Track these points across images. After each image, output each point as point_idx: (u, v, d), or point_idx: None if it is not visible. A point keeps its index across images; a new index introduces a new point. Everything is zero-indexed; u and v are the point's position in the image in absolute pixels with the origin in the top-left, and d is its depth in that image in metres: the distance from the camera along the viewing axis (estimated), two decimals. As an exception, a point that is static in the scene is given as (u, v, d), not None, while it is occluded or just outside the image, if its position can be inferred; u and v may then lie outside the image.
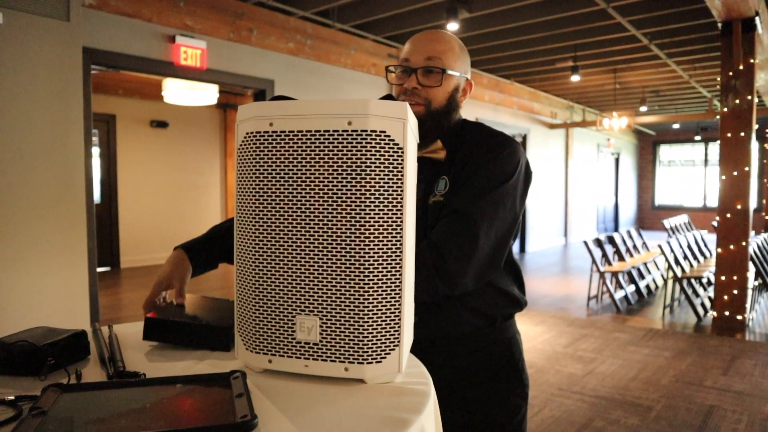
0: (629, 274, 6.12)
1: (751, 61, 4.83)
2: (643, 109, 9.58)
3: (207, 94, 6.38)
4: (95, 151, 7.65)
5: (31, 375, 0.83)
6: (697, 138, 14.28)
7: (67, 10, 3.02)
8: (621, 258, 6.50)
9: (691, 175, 15.27)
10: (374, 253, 0.76)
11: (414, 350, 1.05)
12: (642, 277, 6.54)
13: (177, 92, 6.19)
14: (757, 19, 4.70)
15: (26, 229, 2.90)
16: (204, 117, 8.90)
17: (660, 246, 5.57)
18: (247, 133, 0.80)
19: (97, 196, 7.61)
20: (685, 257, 6.22)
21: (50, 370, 0.84)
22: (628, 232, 6.99)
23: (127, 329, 1.10)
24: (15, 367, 0.84)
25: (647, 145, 15.77)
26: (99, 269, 6.92)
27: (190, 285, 1.17)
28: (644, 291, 6.42)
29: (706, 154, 14.94)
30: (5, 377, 0.84)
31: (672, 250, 5.63)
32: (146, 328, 0.99)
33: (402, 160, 0.76)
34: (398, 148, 0.76)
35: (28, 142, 2.90)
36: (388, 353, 0.78)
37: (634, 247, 6.96)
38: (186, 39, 4.64)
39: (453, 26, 4.90)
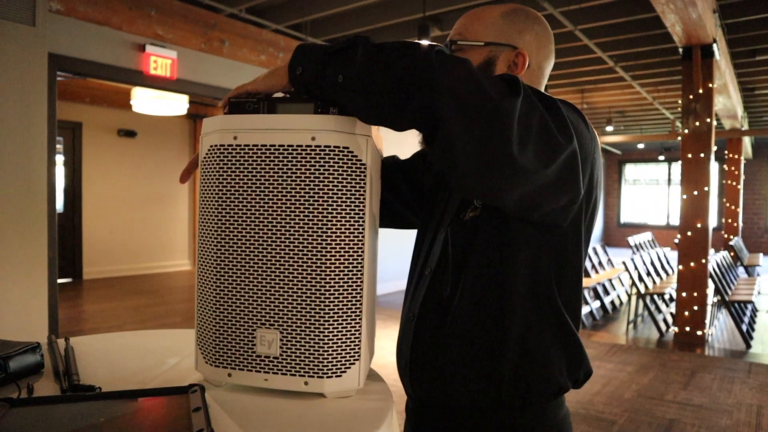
0: (594, 290, 6.23)
1: (710, 85, 5.02)
2: (609, 128, 9.84)
3: (177, 104, 6.31)
4: (60, 159, 7.47)
5: (-19, 389, 0.81)
6: (661, 158, 14.69)
7: (32, 15, 2.96)
8: (586, 274, 6.62)
9: (655, 193, 15.68)
10: (335, 267, 0.77)
11: (421, 418, 0.98)
12: (607, 293, 6.67)
13: (146, 101, 6.10)
14: (714, 45, 4.89)
15: (-17, 238, 2.81)
16: (173, 127, 8.80)
17: (624, 263, 5.70)
18: (212, 146, 0.80)
19: (60, 205, 7.42)
20: (649, 274, 6.37)
21: (0, 384, 0.82)
22: (594, 249, 7.13)
23: (85, 342, 1.08)
24: (-37, 381, 0.82)
25: (613, 163, 16.16)
26: (60, 280, 6.73)
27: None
28: (609, 307, 6.55)
29: (669, 174, 15.37)
30: (-47, 392, 0.81)
31: (636, 267, 5.76)
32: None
33: (364, 176, 0.77)
34: (361, 164, 0.77)
35: (-12, 148, 2.82)
36: (348, 367, 0.79)
37: (600, 263, 7.10)
38: (156, 48, 4.59)
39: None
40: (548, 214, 0.84)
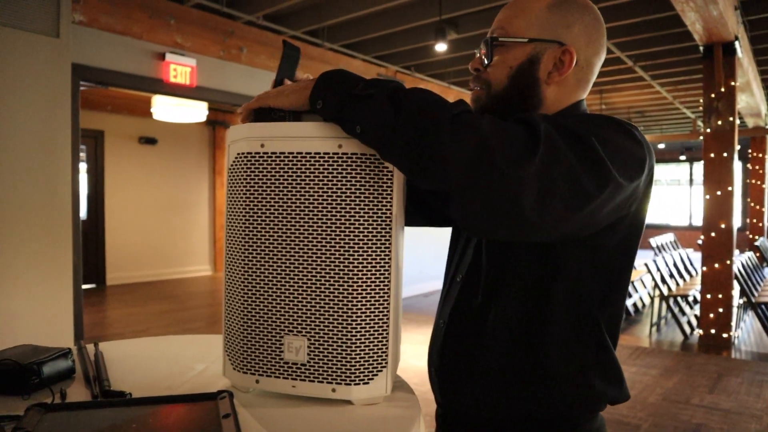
0: (616, 292, 6.14)
1: (732, 83, 4.93)
2: (629, 129, 9.71)
3: (196, 111, 6.38)
4: (83, 166, 7.60)
5: (15, 394, 0.82)
6: (682, 158, 14.48)
7: (56, 27, 3.02)
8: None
9: (676, 194, 15.45)
10: (362, 274, 0.77)
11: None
12: (629, 295, 6.58)
13: (166, 109, 6.19)
14: (736, 43, 4.81)
15: (11, 244, 2.87)
16: (193, 134, 8.89)
17: (647, 264, 5.62)
18: (239, 154, 0.81)
19: (83, 212, 7.55)
20: (672, 276, 6.28)
21: (34, 389, 0.84)
22: (615, 251, 7.02)
23: (113, 347, 1.10)
24: (-1, 386, 0.83)
25: (633, 164, 15.92)
26: (84, 286, 6.84)
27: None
28: (631, 309, 6.46)
29: (691, 174, 15.14)
30: (-11, 397, 0.83)
31: (659, 269, 5.68)
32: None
33: (391, 182, 0.78)
34: (387, 171, 0.77)
35: (16, 157, 2.89)
36: (376, 374, 0.79)
37: (621, 265, 7.00)
38: (176, 56, 4.65)
39: (441, 47, 4.97)
40: (590, 238, 0.81)
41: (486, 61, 0.91)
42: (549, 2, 0.90)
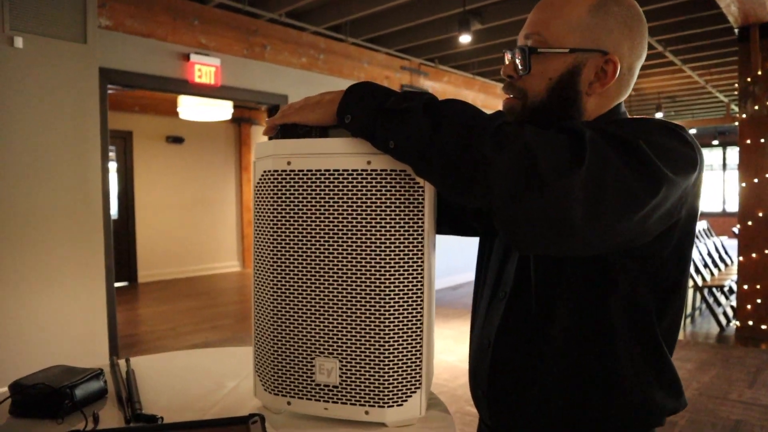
0: (649, 283, 6.01)
1: (770, 66, 4.75)
2: (659, 115, 9.47)
3: (221, 110, 6.43)
4: (112, 166, 7.74)
5: (49, 417, 0.82)
6: (715, 143, 14.10)
7: (84, 33, 3.06)
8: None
9: (709, 179, 15.06)
10: (394, 294, 0.74)
11: None
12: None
13: (192, 108, 6.24)
14: (775, 24, 4.63)
15: (45, 245, 2.93)
16: (219, 132, 8.98)
17: (680, 255, 5.47)
18: (265, 171, 0.79)
19: (114, 211, 7.70)
20: (706, 265, 6.11)
21: (68, 412, 0.83)
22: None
23: (145, 363, 1.10)
24: (33, 409, 0.84)
25: (664, 150, 15.55)
26: (116, 284, 6.98)
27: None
28: (664, 300, 6.30)
29: (724, 159, 14.74)
30: (23, 420, 0.83)
31: (692, 258, 5.53)
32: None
33: (422, 198, 0.75)
34: (419, 188, 0.75)
35: (47, 160, 2.94)
36: (410, 396, 0.76)
37: (653, 255, 6.84)
38: (200, 57, 4.68)
39: (466, 38, 4.89)
40: (642, 248, 0.78)
41: (522, 69, 0.85)
42: (589, 5, 0.83)
